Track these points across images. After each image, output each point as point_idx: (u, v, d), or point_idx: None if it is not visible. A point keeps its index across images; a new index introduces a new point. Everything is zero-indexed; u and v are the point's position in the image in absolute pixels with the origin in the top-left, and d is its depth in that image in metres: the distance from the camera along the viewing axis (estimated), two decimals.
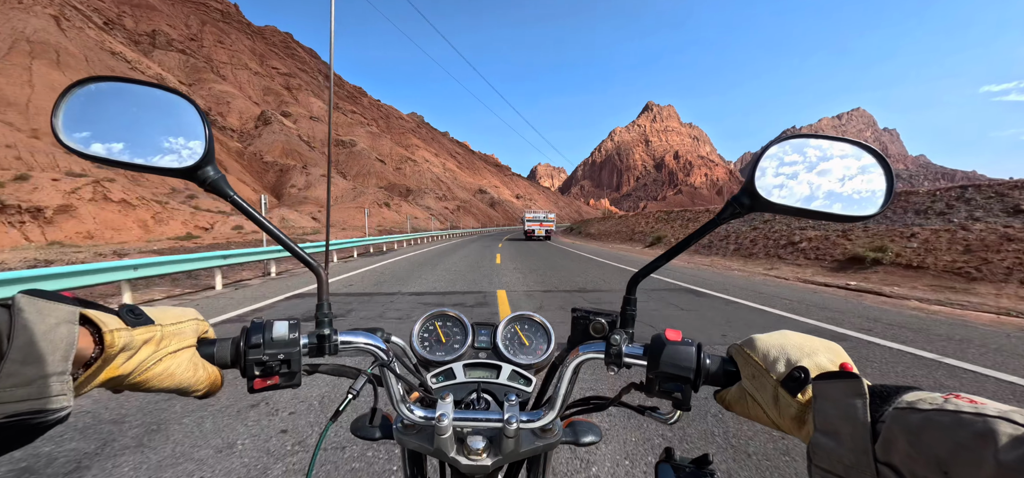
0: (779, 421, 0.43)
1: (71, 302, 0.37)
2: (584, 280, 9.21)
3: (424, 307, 6.11)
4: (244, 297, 7.17)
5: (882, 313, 5.96)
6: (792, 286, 8.80)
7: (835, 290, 8.27)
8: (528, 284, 8.45)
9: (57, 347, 0.33)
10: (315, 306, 0.55)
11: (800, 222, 15.37)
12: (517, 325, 0.79)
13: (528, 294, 7.25)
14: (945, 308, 6.42)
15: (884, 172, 0.47)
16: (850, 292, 8.03)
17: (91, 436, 2.33)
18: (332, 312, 0.56)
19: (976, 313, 6.09)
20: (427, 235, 34.19)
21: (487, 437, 0.56)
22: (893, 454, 0.31)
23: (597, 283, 8.82)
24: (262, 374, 0.49)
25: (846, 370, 0.40)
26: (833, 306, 6.48)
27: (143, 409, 2.65)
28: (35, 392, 0.32)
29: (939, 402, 0.30)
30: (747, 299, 7.01)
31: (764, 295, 7.46)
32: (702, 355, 0.49)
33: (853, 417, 0.34)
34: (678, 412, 0.54)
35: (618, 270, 11.48)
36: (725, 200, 0.57)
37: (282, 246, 0.53)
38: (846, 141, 0.50)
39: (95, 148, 0.44)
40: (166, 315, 0.46)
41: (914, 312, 6.10)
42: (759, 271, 11.72)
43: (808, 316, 5.75)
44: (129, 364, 0.40)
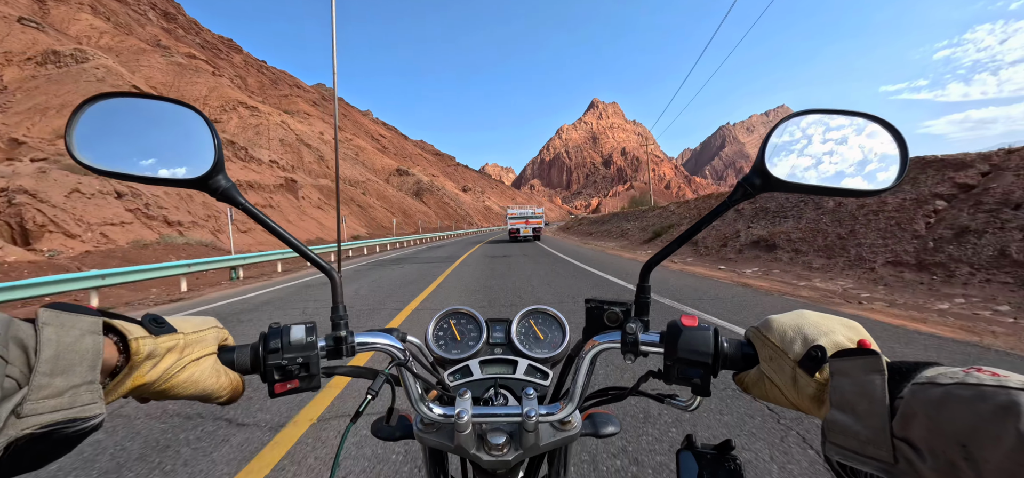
0: (798, 402, 0.42)
1: (94, 313, 0.37)
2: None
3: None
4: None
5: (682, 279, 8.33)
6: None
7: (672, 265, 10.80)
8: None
9: (84, 357, 0.34)
10: (331, 308, 0.56)
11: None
12: (531, 319, 0.78)
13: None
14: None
15: (897, 143, 0.46)
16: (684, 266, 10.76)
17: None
18: (347, 315, 0.56)
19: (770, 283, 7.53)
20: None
21: (507, 432, 0.57)
22: (911, 430, 0.30)
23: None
24: (282, 378, 0.50)
25: (865, 347, 0.38)
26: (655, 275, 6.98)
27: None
28: (66, 402, 0.33)
29: (960, 376, 0.29)
30: (597, 268, 10.52)
31: (611, 266, 11.06)
32: (719, 339, 0.49)
33: (870, 393, 0.33)
34: (698, 398, 0.53)
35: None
36: (674, 195, 0.43)
37: (295, 251, 0.52)
38: (856, 114, 0.48)
39: (108, 163, 0.45)
40: (187, 323, 0.46)
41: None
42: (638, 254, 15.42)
43: (617, 275, 9.21)
44: (154, 372, 0.41)
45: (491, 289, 7.88)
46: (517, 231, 28.02)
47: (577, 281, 8.58)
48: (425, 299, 7.16)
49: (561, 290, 7.49)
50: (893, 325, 4.56)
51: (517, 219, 28.75)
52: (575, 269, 10.73)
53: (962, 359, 3.49)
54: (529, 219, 28.44)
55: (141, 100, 0.47)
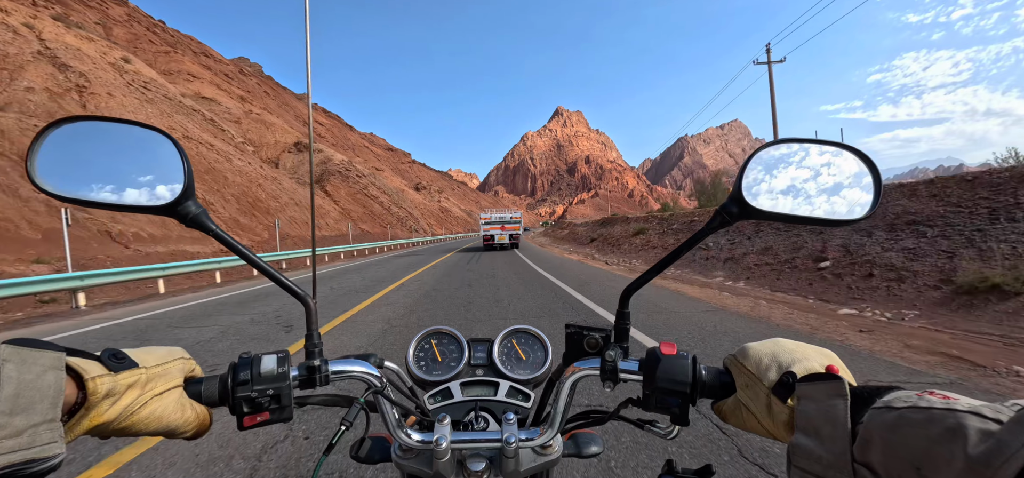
0: (773, 429, 0.41)
1: (56, 348, 0.36)
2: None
3: None
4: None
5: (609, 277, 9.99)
6: (595, 268, 12.66)
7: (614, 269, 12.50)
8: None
9: (45, 395, 0.33)
10: (305, 336, 0.53)
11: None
12: (513, 339, 0.77)
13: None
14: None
15: (871, 174, 0.46)
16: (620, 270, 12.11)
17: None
18: (322, 342, 0.53)
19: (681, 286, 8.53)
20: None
21: (487, 458, 0.56)
22: (870, 454, 0.30)
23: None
24: (251, 410, 0.48)
25: (832, 372, 0.38)
26: (594, 274, 10.85)
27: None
28: (26, 442, 0.31)
29: (913, 399, 0.30)
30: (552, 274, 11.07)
31: (566, 272, 11.47)
32: (698, 367, 0.48)
33: (833, 417, 0.33)
34: (677, 427, 0.52)
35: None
36: (637, 203, 0.45)
37: (268, 277, 0.49)
38: (830, 142, 0.49)
39: (72, 190, 0.43)
40: (151, 356, 0.44)
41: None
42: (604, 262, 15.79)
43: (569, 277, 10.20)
44: (114, 410, 0.39)
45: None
46: (492, 238, 26.08)
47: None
48: None
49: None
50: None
51: (493, 224, 26.68)
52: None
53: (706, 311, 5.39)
54: (506, 224, 26.49)
55: (106, 123, 0.45)
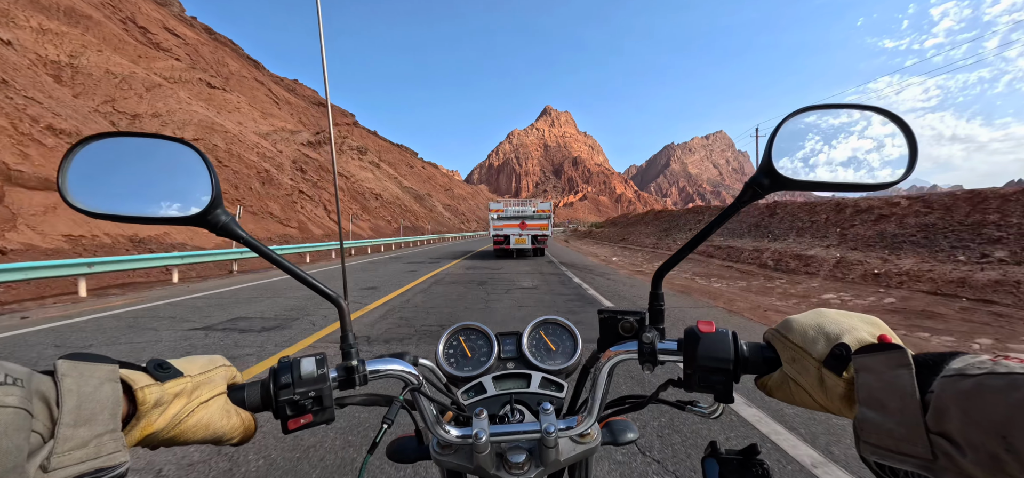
0: (827, 403, 0.40)
1: (110, 361, 0.37)
2: None
3: None
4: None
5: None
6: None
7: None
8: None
9: (105, 406, 0.34)
10: (340, 338, 0.54)
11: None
12: (542, 330, 0.78)
13: None
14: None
15: (905, 136, 0.45)
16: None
17: None
18: (357, 342, 0.55)
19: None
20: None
21: (527, 449, 0.57)
22: (947, 423, 0.29)
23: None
24: (295, 413, 0.49)
25: (886, 341, 0.38)
26: (595, 266, 13.05)
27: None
28: (92, 452, 0.32)
29: (989, 365, 0.29)
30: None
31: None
32: (739, 343, 0.48)
33: (900, 389, 0.32)
34: (721, 405, 0.52)
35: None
36: (623, 209, 0.45)
37: (299, 280, 0.50)
38: (861, 106, 0.48)
39: (104, 206, 0.44)
40: (194, 364, 0.45)
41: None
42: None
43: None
44: (162, 419, 0.40)
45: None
46: (506, 240, 16.57)
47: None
48: None
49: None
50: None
51: (508, 221, 16.99)
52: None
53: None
54: (527, 221, 16.89)
55: (134, 138, 0.46)
